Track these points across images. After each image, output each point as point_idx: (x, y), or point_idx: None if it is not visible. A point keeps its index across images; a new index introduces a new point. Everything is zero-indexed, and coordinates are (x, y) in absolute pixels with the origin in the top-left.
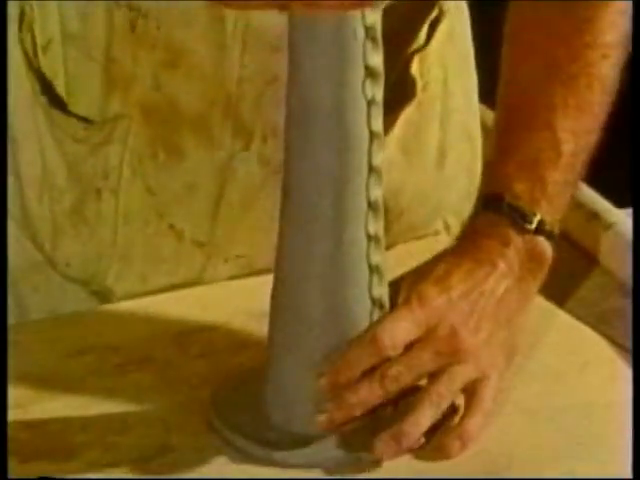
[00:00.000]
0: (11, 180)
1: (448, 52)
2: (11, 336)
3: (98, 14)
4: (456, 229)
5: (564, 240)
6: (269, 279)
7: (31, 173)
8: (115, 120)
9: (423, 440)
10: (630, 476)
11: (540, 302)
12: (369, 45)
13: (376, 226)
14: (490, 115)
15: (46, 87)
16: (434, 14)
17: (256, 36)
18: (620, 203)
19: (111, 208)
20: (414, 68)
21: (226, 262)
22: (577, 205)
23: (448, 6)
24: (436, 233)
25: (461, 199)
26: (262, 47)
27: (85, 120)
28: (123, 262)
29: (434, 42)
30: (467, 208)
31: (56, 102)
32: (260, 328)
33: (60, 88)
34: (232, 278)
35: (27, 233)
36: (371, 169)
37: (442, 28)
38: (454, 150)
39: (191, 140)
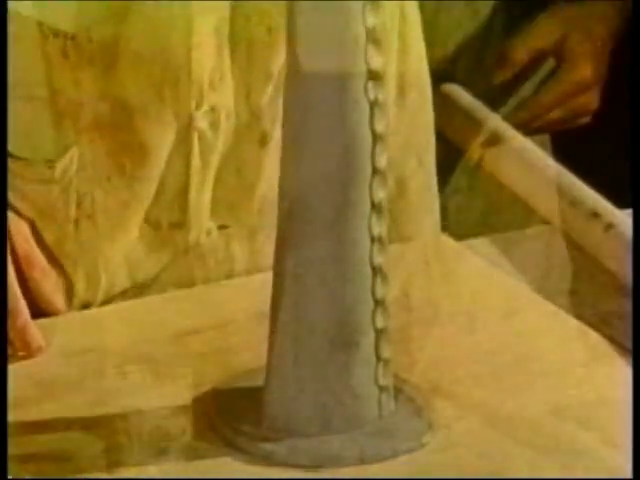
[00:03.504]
0: None
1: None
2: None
3: (30, 51)
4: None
5: (564, 240)
6: (269, 279)
7: None
8: (72, 148)
9: None
10: (630, 476)
11: (540, 302)
12: (371, 47)
13: (380, 228)
14: None
15: None
16: None
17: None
18: (620, 203)
19: (92, 234)
20: None
21: (209, 234)
22: (577, 205)
23: None
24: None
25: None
26: None
27: (49, 161)
28: (109, 272)
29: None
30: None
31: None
32: (260, 328)
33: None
34: (220, 249)
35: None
36: (375, 171)
37: None
38: (414, 88)
39: (150, 128)
